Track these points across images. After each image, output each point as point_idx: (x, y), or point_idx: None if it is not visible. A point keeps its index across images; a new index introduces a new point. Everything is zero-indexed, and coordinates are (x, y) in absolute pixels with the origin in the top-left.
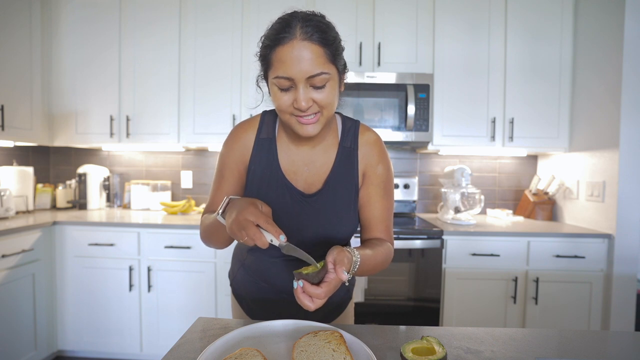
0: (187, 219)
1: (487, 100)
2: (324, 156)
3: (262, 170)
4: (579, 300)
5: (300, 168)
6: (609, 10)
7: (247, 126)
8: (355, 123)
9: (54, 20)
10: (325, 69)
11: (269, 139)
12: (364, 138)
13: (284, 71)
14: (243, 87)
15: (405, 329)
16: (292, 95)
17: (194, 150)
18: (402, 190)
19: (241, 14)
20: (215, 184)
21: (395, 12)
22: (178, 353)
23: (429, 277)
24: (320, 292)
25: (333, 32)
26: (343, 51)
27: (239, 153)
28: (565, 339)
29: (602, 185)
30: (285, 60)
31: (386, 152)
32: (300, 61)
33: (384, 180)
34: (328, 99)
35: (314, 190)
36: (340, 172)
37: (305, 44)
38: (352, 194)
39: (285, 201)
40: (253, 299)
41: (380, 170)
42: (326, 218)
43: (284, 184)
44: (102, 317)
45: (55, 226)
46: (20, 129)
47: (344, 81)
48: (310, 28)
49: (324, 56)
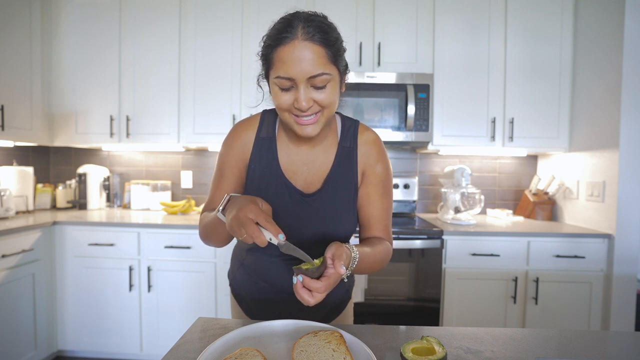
0: (187, 219)
1: (487, 100)
2: (324, 156)
3: (262, 169)
4: (579, 300)
5: (300, 167)
6: (609, 10)
7: (247, 125)
8: (355, 123)
9: (54, 20)
10: (327, 69)
11: (269, 138)
12: (363, 137)
13: (285, 71)
14: (243, 87)
15: (405, 329)
16: (292, 95)
17: (194, 150)
18: (402, 190)
19: (241, 14)
20: (215, 182)
21: (395, 12)
22: (178, 353)
23: (429, 277)
24: (320, 285)
25: (335, 32)
26: (345, 52)
27: (239, 151)
28: (565, 339)
29: (602, 185)
30: (286, 61)
31: (385, 151)
32: (301, 61)
33: (382, 180)
34: (329, 99)
35: (314, 189)
36: (340, 172)
37: (306, 44)
38: (352, 193)
39: (284, 200)
40: (252, 298)
41: (379, 169)
42: (325, 217)
43: (284, 183)
44: (102, 317)
45: (55, 226)
46: (20, 129)
47: (345, 81)
48: (312, 28)
49: (325, 57)
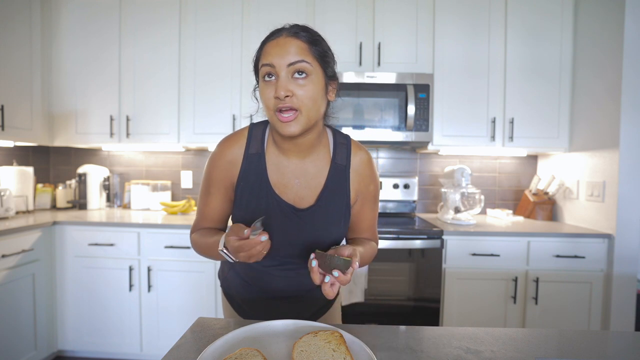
0: (187, 219)
1: (487, 100)
2: (315, 169)
3: (251, 186)
4: (579, 300)
5: (291, 181)
6: (609, 10)
7: (233, 142)
8: (347, 139)
9: (54, 20)
10: (307, 59)
11: (258, 154)
12: (357, 158)
13: (267, 58)
14: (243, 87)
15: (405, 329)
16: (274, 87)
17: (194, 150)
18: (402, 190)
19: (241, 14)
20: (202, 199)
21: (395, 12)
22: (178, 353)
23: (429, 277)
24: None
25: (323, 42)
26: (334, 63)
27: (226, 169)
28: (565, 339)
29: (602, 185)
30: (270, 51)
31: (376, 169)
32: (283, 50)
33: (374, 196)
34: (308, 95)
35: (306, 204)
36: (333, 188)
37: (290, 38)
38: (343, 209)
39: (275, 215)
40: (243, 298)
41: (372, 188)
42: (317, 232)
43: (274, 199)
44: (102, 317)
45: (55, 226)
46: (20, 129)
47: (334, 91)
48: (299, 30)
49: (307, 50)
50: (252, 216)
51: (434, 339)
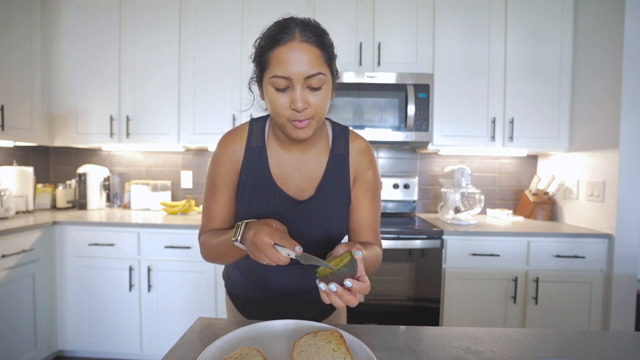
0: (187, 219)
1: (487, 100)
2: (315, 161)
3: (253, 178)
4: (579, 300)
5: (292, 173)
6: (609, 10)
7: (235, 136)
8: (345, 130)
9: (54, 20)
10: (323, 70)
11: (259, 147)
12: (355, 145)
13: (282, 70)
14: (243, 87)
15: (405, 329)
16: (288, 97)
17: (194, 150)
18: (402, 190)
19: (241, 14)
20: (209, 197)
21: (395, 12)
22: (178, 353)
23: (429, 277)
24: (367, 285)
25: (329, 38)
26: (336, 58)
27: (230, 163)
28: (565, 339)
29: (602, 185)
30: (283, 60)
31: (375, 158)
32: (298, 61)
33: (373, 185)
34: (322, 102)
35: (306, 196)
36: (333, 179)
37: (304, 45)
38: (344, 199)
39: (277, 208)
40: (247, 297)
41: (370, 175)
42: (318, 224)
43: (275, 191)
44: (102, 317)
45: (55, 226)
46: (20, 129)
47: (336, 89)
48: (308, 32)
49: (321, 58)
50: (255, 209)
51: (434, 339)
